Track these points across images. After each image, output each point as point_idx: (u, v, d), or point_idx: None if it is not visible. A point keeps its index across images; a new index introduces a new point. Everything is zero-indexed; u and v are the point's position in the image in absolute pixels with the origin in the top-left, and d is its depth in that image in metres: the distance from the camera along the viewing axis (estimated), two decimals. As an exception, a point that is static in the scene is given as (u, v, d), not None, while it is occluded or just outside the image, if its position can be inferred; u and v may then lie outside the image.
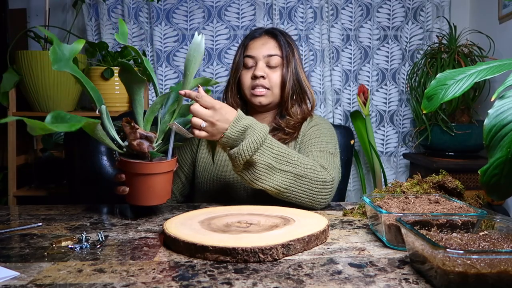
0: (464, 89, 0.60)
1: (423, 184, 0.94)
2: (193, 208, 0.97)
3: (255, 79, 1.19)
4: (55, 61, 0.79)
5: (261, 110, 1.25)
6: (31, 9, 2.19)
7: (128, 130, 0.85)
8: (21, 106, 1.88)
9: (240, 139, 0.91)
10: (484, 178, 0.53)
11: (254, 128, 0.91)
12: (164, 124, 0.93)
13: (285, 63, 1.21)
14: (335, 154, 1.13)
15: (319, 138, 1.16)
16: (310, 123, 1.23)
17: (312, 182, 0.97)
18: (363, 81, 2.13)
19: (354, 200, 2.18)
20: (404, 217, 0.67)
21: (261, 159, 0.92)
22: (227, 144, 0.92)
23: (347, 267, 0.62)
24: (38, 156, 2.09)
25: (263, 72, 1.18)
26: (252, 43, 1.24)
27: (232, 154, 0.90)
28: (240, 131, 0.90)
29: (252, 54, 1.21)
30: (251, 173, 0.92)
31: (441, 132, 1.84)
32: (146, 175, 0.86)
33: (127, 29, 0.90)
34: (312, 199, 0.97)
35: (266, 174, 0.93)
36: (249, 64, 1.21)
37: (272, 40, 1.23)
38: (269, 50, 1.21)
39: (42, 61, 1.73)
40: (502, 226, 0.67)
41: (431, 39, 2.09)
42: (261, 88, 1.19)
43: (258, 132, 0.91)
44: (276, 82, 1.20)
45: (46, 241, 0.74)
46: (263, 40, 1.23)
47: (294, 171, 0.95)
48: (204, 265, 0.63)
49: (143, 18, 2.06)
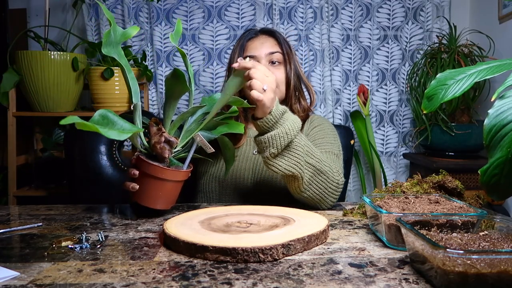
0: (464, 89, 0.60)
1: (423, 184, 0.94)
2: (193, 208, 0.97)
3: None
4: (105, 44, 0.81)
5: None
6: (31, 9, 2.19)
7: (154, 131, 0.85)
8: (21, 106, 1.88)
9: (279, 122, 0.89)
10: (484, 178, 0.53)
11: (290, 116, 0.91)
12: (188, 133, 0.93)
13: (287, 59, 1.22)
14: (339, 155, 1.13)
15: (323, 139, 1.16)
16: (312, 123, 1.23)
17: (328, 181, 0.97)
18: (363, 81, 2.14)
19: (354, 200, 2.18)
20: (404, 217, 0.67)
21: (300, 143, 0.91)
22: (268, 124, 0.89)
23: (347, 267, 0.62)
24: (38, 156, 2.10)
25: None
26: (251, 43, 1.23)
27: (273, 136, 0.87)
28: (281, 112, 0.89)
29: (253, 54, 1.21)
30: (288, 157, 0.90)
31: (441, 132, 1.84)
32: (160, 180, 0.86)
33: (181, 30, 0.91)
34: (322, 198, 0.98)
35: (302, 160, 0.91)
36: None
37: (270, 38, 1.24)
38: (270, 48, 1.22)
39: (42, 61, 1.73)
40: (502, 226, 0.67)
41: (431, 39, 2.09)
42: None
43: (295, 118, 0.91)
44: (281, 79, 1.21)
45: (46, 241, 0.74)
46: (261, 40, 1.24)
47: (318, 167, 0.95)
48: (204, 265, 0.63)
49: (143, 18, 2.06)
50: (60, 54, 1.76)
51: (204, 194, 1.19)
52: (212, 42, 2.09)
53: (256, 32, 1.27)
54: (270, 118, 0.88)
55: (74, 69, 1.78)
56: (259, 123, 0.90)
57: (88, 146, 1.36)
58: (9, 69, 1.76)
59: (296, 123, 0.90)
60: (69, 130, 1.47)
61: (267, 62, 1.21)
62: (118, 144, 1.41)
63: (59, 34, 2.08)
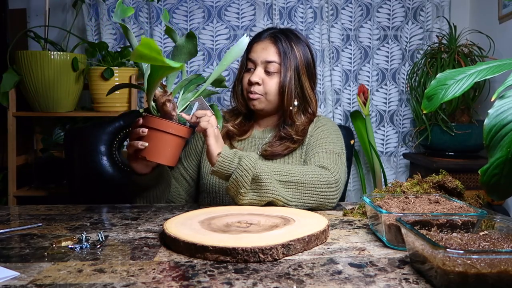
0: (464, 89, 0.60)
1: (423, 184, 0.94)
2: (193, 208, 0.97)
3: (250, 84, 1.18)
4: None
5: (260, 114, 1.25)
6: (31, 9, 2.19)
7: (161, 93, 0.94)
8: (21, 106, 1.88)
9: (235, 164, 0.94)
10: (484, 178, 0.53)
11: (246, 155, 0.95)
12: (184, 100, 1.02)
13: (282, 71, 1.16)
14: (342, 154, 1.12)
15: (325, 139, 1.15)
16: (316, 124, 1.22)
17: (315, 186, 0.97)
18: (363, 81, 2.14)
19: (354, 200, 2.18)
20: (404, 217, 0.67)
21: (263, 170, 0.93)
22: (221, 169, 0.95)
23: (347, 267, 0.62)
24: (38, 156, 2.10)
25: (258, 79, 1.17)
26: (255, 45, 1.21)
27: (233, 180, 0.93)
28: (233, 154, 0.95)
29: (252, 57, 1.20)
30: (258, 189, 0.93)
31: (441, 132, 1.84)
32: (167, 133, 0.93)
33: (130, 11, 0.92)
34: (320, 202, 0.98)
35: (274, 185, 0.93)
36: (249, 66, 1.21)
37: (272, 46, 1.19)
38: (268, 56, 1.18)
39: (42, 61, 1.73)
40: (502, 226, 0.67)
41: (431, 39, 2.09)
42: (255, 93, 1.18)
43: (251, 156, 0.95)
44: (271, 89, 1.18)
45: (46, 241, 0.74)
46: (264, 45, 1.20)
47: (293, 180, 0.96)
48: (204, 265, 0.63)
49: (143, 18, 2.06)
50: (60, 54, 1.76)
51: (208, 195, 1.19)
52: (212, 42, 2.09)
53: (266, 35, 1.22)
54: (221, 160, 0.95)
55: (74, 69, 1.78)
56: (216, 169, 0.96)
57: (88, 146, 1.36)
58: (9, 69, 1.76)
59: (250, 157, 0.94)
60: (69, 130, 1.46)
61: (263, 69, 1.18)
62: (118, 144, 1.41)
63: (59, 34, 2.08)
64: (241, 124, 1.25)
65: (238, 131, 1.24)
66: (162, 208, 1.01)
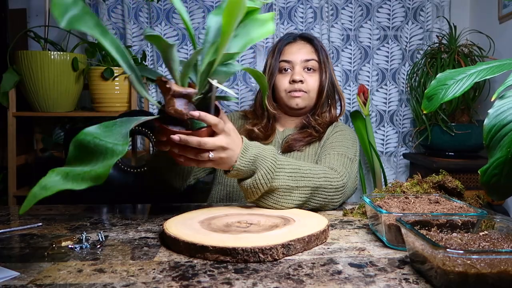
0: (464, 89, 0.60)
1: (423, 184, 0.94)
2: (193, 208, 0.97)
3: (293, 83, 1.22)
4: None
5: (294, 114, 1.27)
6: (31, 9, 2.19)
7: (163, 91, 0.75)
8: (21, 106, 1.87)
9: (251, 169, 0.85)
10: (484, 178, 0.53)
11: (264, 156, 0.86)
12: (203, 75, 0.78)
13: (322, 67, 1.24)
14: (354, 160, 1.13)
15: (340, 142, 1.17)
16: (335, 128, 1.24)
17: (326, 191, 0.96)
18: (363, 81, 2.13)
19: (354, 200, 2.18)
20: (404, 217, 0.67)
21: (280, 184, 0.87)
22: (237, 176, 0.87)
23: (347, 267, 0.62)
24: (38, 156, 2.09)
25: (301, 77, 1.22)
26: (288, 48, 1.26)
27: (248, 187, 0.86)
28: (250, 161, 0.85)
29: (288, 59, 1.24)
30: (270, 199, 0.89)
31: (441, 132, 1.84)
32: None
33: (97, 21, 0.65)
34: (325, 205, 0.98)
35: (287, 195, 0.89)
36: (285, 67, 1.24)
37: (308, 45, 1.27)
38: (306, 54, 1.24)
39: (42, 61, 1.73)
40: (502, 226, 0.67)
41: (431, 39, 2.09)
42: (299, 91, 1.22)
43: (268, 159, 0.86)
44: (314, 86, 1.24)
45: (46, 241, 0.74)
46: (299, 45, 1.26)
47: (310, 185, 0.92)
48: (204, 265, 0.63)
49: (143, 18, 2.06)
50: (60, 54, 1.76)
51: (223, 187, 1.19)
52: (212, 42, 2.08)
53: (294, 36, 1.29)
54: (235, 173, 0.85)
55: (74, 69, 1.78)
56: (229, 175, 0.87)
57: (88, 146, 1.36)
58: (9, 69, 1.76)
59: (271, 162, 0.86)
60: (69, 130, 1.46)
61: (302, 68, 1.23)
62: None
63: (59, 34, 2.08)
64: (266, 128, 1.27)
65: (263, 135, 1.25)
66: (162, 208, 1.01)
